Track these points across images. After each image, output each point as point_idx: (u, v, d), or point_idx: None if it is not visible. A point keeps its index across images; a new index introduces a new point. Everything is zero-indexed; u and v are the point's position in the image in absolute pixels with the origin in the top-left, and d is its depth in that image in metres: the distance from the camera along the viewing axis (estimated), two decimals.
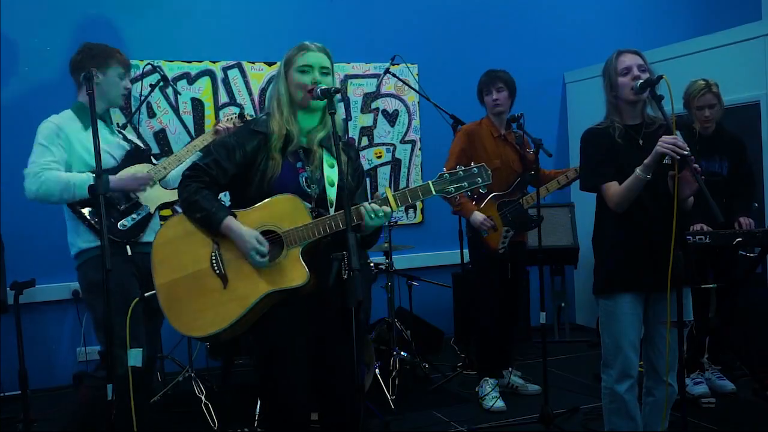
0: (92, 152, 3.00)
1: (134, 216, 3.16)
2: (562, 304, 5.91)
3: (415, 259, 5.71)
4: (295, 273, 2.40)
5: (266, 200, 2.44)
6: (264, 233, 2.44)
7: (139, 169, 3.24)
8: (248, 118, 3.54)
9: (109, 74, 3.18)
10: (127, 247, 3.12)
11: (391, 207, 2.43)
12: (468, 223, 4.29)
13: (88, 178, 3.03)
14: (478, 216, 4.15)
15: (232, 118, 3.55)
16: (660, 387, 2.95)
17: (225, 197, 2.70)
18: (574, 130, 6.20)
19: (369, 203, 2.43)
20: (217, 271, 2.44)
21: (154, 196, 3.25)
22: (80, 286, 3.20)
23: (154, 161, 3.37)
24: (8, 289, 4.16)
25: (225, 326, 2.40)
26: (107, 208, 3.01)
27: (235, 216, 2.44)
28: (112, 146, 3.20)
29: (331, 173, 2.55)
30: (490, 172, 2.43)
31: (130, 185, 3.14)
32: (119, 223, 3.11)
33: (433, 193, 2.44)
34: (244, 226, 2.42)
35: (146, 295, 2.80)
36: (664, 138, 2.68)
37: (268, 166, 2.47)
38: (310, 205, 2.49)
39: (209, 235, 2.46)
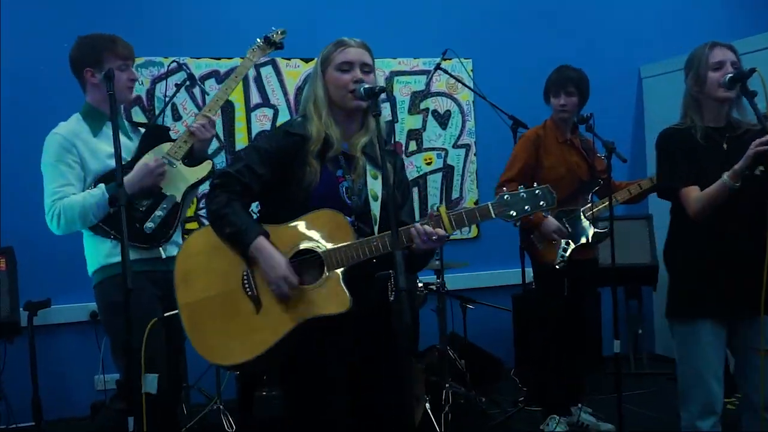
0: (102, 158, 3.12)
1: (159, 213, 3.14)
2: (639, 331, 5.83)
3: (470, 279, 5.66)
4: (336, 298, 2.40)
5: (306, 215, 2.46)
6: (301, 252, 2.46)
7: (160, 151, 3.21)
8: (276, 37, 3.50)
9: (106, 70, 3.13)
10: (161, 250, 3.13)
11: (445, 229, 2.41)
12: (523, 235, 4.30)
13: (102, 193, 3.05)
14: (552, 223, 4.10)
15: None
16: (756, 422, 2.87)
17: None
18: (652, 131, 6.08)
19: (421, 224, 2.42)
20: (249, 293, 2.46)
21: (177, 179, 3.22)
22: (98, 306, 3.22)
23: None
24: (21, 309, 4.28)
25: (255, 355, 2.41)
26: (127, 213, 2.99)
27: (267, 236, 2.44)
28: (125, 150, 3.17)
29: (374, 185, 2.56)
30: (555, 195, 2.42)
31: (146, 181, 3.11)
32: (144, 226, 3.10)
33: (493, 216, 2.42)
34: (278, 250, 2.43)
35: (166, 315, 2.81)
36: (761, 140, 2.62)
37: (306, 173, 2.48)
38: (350, 219, 2.50)
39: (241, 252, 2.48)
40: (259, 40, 3.52)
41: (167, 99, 4.94)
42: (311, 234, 2.45)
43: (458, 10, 5.83)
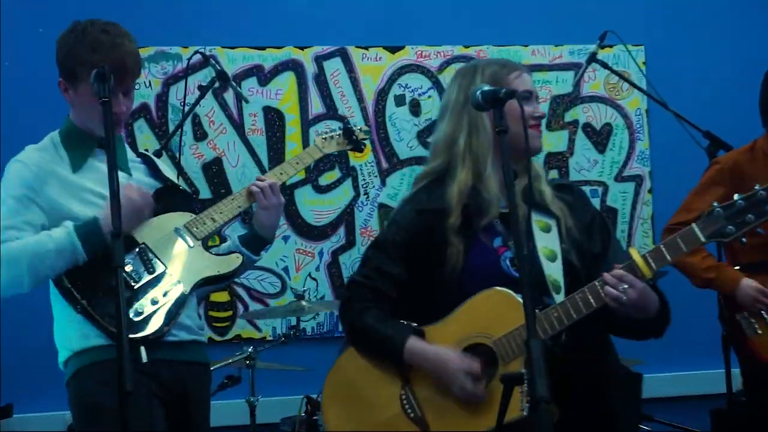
0: (84, 203, 3.14)
1: (155, 297, 3.14)
2: None
3: (647, 384, 5.46)
4: (517, 399, 2.56)
5: (467, 302, 2.76)
6: (469, 348, 2.76)
7: (174, 219, 3.28)
8: (358, 134, 3.71)
9: (82, 89, 3.14)
10: (142, 349, 3.06)
11: (642, 273, 2.61)
12: (726, 317, 4.27)
13: (67, 234, 3.02)
14: (749, 286, 4.09)
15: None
16: None
17: None
18: None
19: (610, 273, 2.62)
20: (412, 415, 2.80)
21: (190, 264, 3.25)
22: (71, 410, 3.20)
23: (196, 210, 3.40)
24: None
25: None
26: (108, 286, 2.95)
27: (422, 334, 2.80)
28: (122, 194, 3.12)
29: (548, 241, 2.80)
30: None
31: (131, 222, 3.10)
32: (132, 309, 3.07)
33: (703, 239, 2.61)
34: (438, 344, 2.77)
35: None
36: None
37: (447, 257, 2.79)
38: None
39: (393, 368, 2.84)
40: (333, 133, 3.68)
41: (187, 109, 4.86)
42: (477, 324, 2.74)
43: None
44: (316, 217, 5.45)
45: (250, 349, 4.72)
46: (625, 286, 2.57)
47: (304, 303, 4.68)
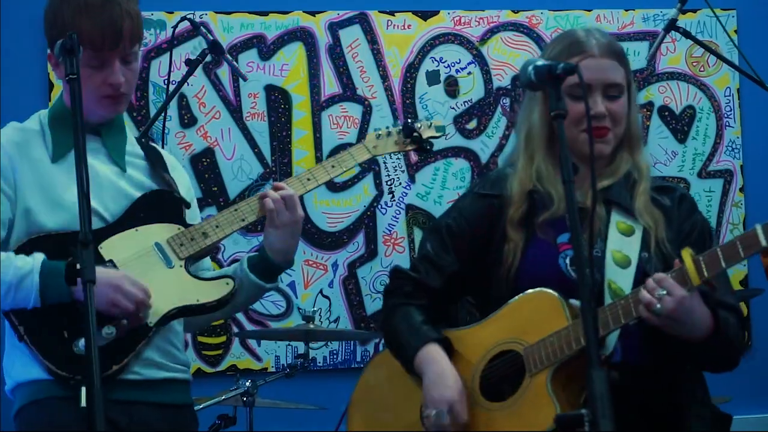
0: (54, 203, 3.10)
1: (108, 331, 3.00)
2: None
3: (737, 427, 5.40)
4: (538, 412, 2.68)
5: (508, 304, 2.87)
6: (501, 354, 2.86)
7: (156, 232, 3.20)
8: (423, 131, 3.50)
9: (66, 37, 3.04)
10: (82, 391, 2.79)
11: (690, 280, 2.55)
12: None
13: (32, 270, 2.97)
14: None
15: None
16: None
17: None
18: None
19: (652, 277, 2.60)
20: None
21: (165, 292, 3.14)
22: None
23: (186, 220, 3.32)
24: None
25: None
26: (51, 317, 2.98)
27: (446, 343, 2.89)
28: (107, 194, 3.14)
29: (624, 245, 2.85)
30: None
31: (103, 302, 2.95)
32: (75, 344, 2.98)
33: (764, 243, 2.49)
34: (452, 366, 2.86)
35: None
36: None
37: (504, 254, 2.89)
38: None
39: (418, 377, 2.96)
40: (391, 128, 3.45)
41: (172, 88, 4.81)
42: (513, 327, 2.83)
43: None
44: (329, 222, 5.41)
45: (247, 383, 4.66)
46: (663, 292, 2.52)
47: (313, 326, 4.58)
